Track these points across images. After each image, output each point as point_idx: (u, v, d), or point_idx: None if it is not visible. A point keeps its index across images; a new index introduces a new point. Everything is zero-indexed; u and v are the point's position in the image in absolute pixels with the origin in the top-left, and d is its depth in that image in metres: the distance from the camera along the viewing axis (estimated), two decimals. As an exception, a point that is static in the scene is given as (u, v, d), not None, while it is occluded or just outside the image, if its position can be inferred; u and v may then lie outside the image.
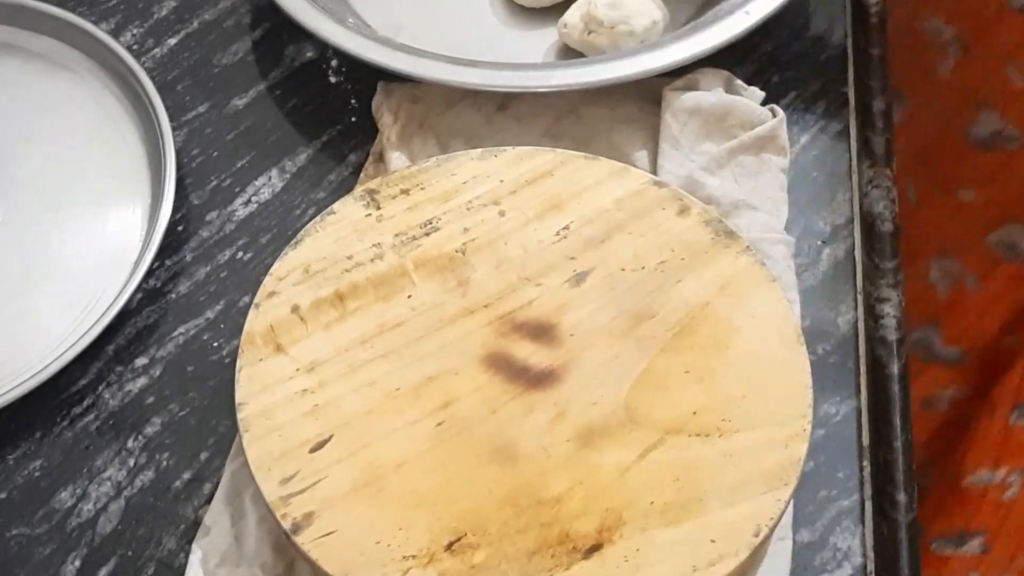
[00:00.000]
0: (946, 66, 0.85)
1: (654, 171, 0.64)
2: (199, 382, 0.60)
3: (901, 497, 0.54)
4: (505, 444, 0.50)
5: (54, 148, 0.68)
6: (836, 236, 0.64)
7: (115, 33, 0.74)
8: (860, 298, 0.61)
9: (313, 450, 0.50)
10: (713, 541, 0.47)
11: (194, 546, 0.53)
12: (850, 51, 0.71)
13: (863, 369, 0.58)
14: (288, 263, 0.56)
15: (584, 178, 0.59)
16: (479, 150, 0.61)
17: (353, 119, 0.70)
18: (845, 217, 0.64)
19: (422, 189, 0.59)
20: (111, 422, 0.59)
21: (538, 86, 0.66)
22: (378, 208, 0.58)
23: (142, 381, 0.60)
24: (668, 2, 0.71)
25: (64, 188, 0.67)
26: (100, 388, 0.60)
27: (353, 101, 0.71)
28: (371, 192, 0.59)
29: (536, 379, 0.52)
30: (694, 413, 0.50)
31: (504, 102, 0.68)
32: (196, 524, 0.55)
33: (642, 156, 0.65)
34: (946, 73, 0.85)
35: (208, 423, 0.58)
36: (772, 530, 0.48)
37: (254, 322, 0.54)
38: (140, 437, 0.58)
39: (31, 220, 0.66)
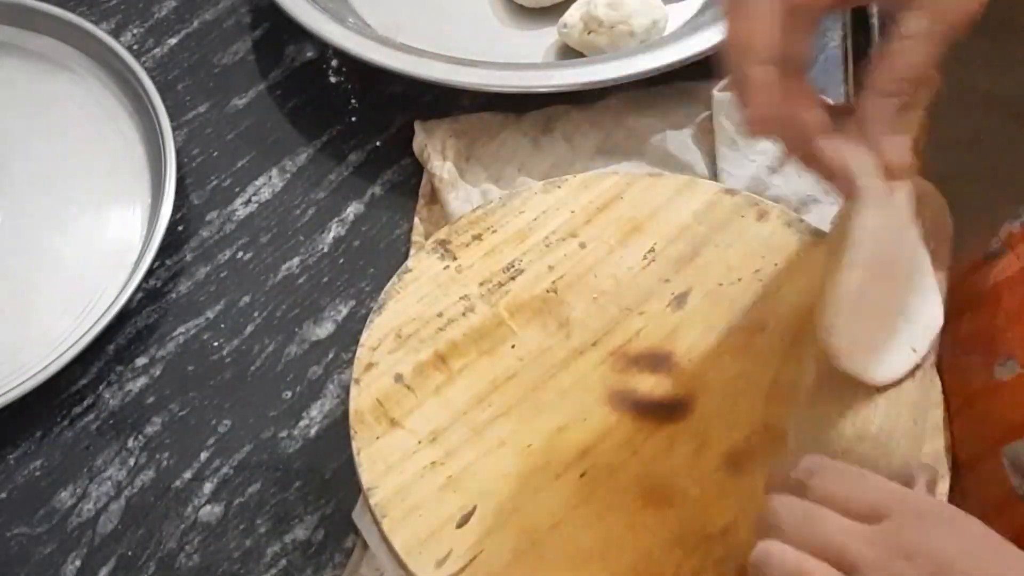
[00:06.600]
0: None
1: (714, 175, 0.63)
2: (199, 382, 0.60)
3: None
4: (656, 484, 0.48)
5: (54, 148, 0.68)
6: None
7: (115, 33, 0.74)
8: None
9: (460, 525, 0.47)
10: None
11: None
12: (849, 51, 0.71)
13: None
14: (377, 331, 0.53)
15: (655, 196, 0.57)
16: (540, 182, 0.58)
17: (353, 119, 0.70)
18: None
19: (494, 232, 0.56)
20: (111, 422, 0.59)
21: (538, 86, 0.66)
22: (454, 259, 0.56)
23: (142, 381, 0.60)
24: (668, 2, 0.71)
25: (64, 188, 0.67)
26: (100, 388, 0.60)
27: (353, 101, 0.71)
28: (442, 243, 0.56)
29: (667, 411, 0.50)
30: None
31: (548, 124, 0.67)
32: (196, 524, 0.55)
33: (698, 161, 0.64)
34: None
35: (208, 423, 0.58)
36: None
37: (359, 399, 0.51)
38: (140, 437, 0.58)
39: (31, 220, 0.65)
